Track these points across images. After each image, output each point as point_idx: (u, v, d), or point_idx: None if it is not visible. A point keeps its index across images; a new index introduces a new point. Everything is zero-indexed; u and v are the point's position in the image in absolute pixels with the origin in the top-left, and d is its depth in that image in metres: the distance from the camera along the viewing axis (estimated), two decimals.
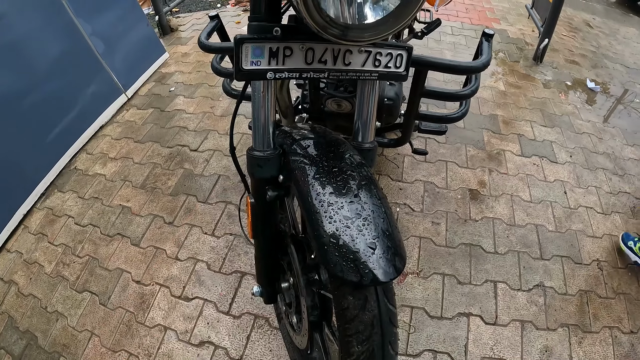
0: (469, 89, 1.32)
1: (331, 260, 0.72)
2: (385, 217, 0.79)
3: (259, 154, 0.91)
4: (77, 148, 2.76)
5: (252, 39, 0.76)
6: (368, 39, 0.71)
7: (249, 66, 0.77)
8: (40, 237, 2.24)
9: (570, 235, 2.20)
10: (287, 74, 0.80)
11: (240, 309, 1.82)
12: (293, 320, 1.24)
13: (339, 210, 0.76)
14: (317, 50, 0.79)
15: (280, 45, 0.77)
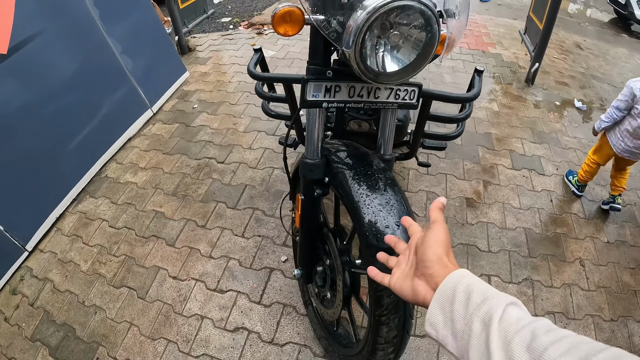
0: (464, 114, 1.62)
1: (369, 233, 1.01)
2: (405, 206, 1.10)
3: (310, 161, 1.22)
4: (107, 158, 3.00)
5: (315, 79, 1.07)
6: (393, 82, 1.01)
7: (310, 98, 1.09)
8: (74, 239, 2.44)
9: (555, 237, 2.49)
10: (337, 104, 1.11)
11: (270, 299, 2.06)
12: (327, 296, 1.52)
13: (374, 199, 1.07)
14: (357, 87, 1.10)
15: (333, 84, 1.08)
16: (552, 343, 0.44)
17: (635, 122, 2.34)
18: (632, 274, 2.35)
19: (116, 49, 3.07)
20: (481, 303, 0.55)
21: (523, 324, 0.49)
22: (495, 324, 0.51)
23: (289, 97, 1.58)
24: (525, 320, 0.50)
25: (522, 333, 0.48)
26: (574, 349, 0.43)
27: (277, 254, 2.28)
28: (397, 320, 1.11)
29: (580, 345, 0.43)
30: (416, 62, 0.96)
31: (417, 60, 0.96)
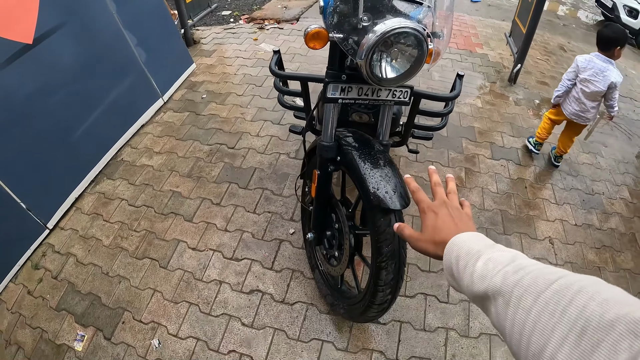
0: (447, 109, 1.96)
1: (374, 198, 1.34)
2: (399, 179, 1.42)
3: (326, 144, 1.55)
4: (122, 143, 3.18)
5: (334, 81, 1.39)
6: (391, 85, 1.36)
7: (330, 95, 1.41)
8: (94, 217, 2.61)
9: (528, 218, 2.81)
10: (348, 100, 1.45)
11: (281, 265, 2.34)
12: (335, 255, 1.85)
13: (376, 172, 1.40)
14: (364, 88, 1.44)
15: (346, 86, 1.41)
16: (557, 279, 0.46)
17: (579, 89, 2.91)
18: (597, 253, 2.65)
19: (131, 42, 3.22)
20: (466, 261, 0.61)
21: (504, 264, 0.55)
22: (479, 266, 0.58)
23: (304, 93, 1.89)
24: (504, 261, 0.56)
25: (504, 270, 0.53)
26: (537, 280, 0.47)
27: (286, 228, 2.55)
28: (394, 265, 1.43)
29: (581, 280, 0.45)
30: (410, 71, 1.29)
31: (411, 69, 1.29)
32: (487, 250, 0.60)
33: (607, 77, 2.75)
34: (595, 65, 2.80)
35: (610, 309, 0.38)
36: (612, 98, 2.86)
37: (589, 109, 2.93)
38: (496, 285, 0.52)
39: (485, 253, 0.59)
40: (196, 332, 2.03)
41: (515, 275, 0.50)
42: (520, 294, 0.47)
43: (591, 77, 2.81)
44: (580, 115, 2.98)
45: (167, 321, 2.08)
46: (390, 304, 1.56)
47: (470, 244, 0.64)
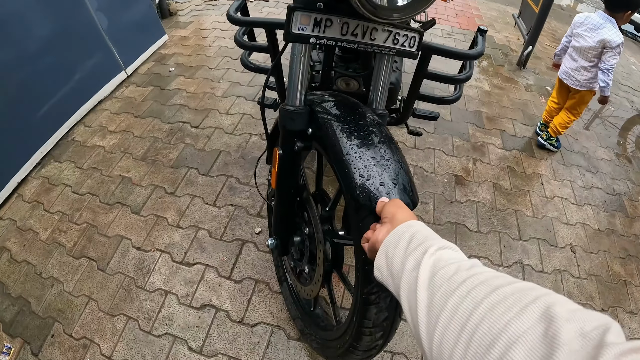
0: (465, 74, 1.48)
1: (360, 192, 0.85)
2: (402, 162, 0.93)
3: (292, 108, 1.04)
4: (75, 120, 2.79)
5: (302, 9, 0.89)
6: (394, 19, 0.86)
7: (296, 30, 0.91)
8: (35, 205, 2.26)
9: (546, 221, 2.38)
10: (326, 41, 0.94)
11: (242, 274, 1.90)
12: (305, 270, 1.35)
13: (367, 152, 0.90)
14: (351, 25, 0.94)
15: (323, 17, 0.91)
16: (471, 276, 0.48)
17: (571, 44, 2.72)
18: (622, 264, 2.27)
19: (91, 5, 2.86)
20: (418, 246, 0.59)
21: (451, 262, 0.53)
22: (425, 261, 0.55)
23: (270, 46, 1.40)
24: (455, 258, 0.55)
25: (447, 268, 0.52)
26: (490, 280, 0.47)
27: (251, 225, 2.12)
28: (389, 299, 0.95)
29: (496, 278, 0.47)
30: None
31: None
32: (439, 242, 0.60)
33: (600, 33, 2.47)
34: (592, 20, 2.53)
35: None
36: (606, 60, 2.49)
37: (580, 68, 2.65)
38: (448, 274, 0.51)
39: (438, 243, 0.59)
40: (133, 354, 1.65)
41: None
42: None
43: (584, 32, 2.58)
44: (570, 74, 2.73)
45: (100, 338, 1.71)
46: (380, 349, 1.07)
47: (430, 232, 0.64)
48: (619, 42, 2.42)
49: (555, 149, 2.94)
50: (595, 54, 2.54)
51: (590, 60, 2.58)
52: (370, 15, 0.83)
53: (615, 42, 2.42)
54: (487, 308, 0.43)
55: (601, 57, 2.52)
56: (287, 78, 1.03)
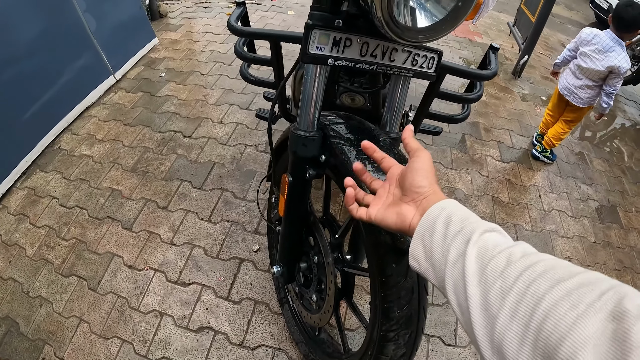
0: (475, 94, 1.43)
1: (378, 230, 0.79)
2: None
3: (304, 133, 0.97)
4: (61, 127, 2.69)
5: (321, 27, 0.82)
6: (419, 41, 0.80)
7: (314, 50, 0.84)
8: (20, 218, 2.15)
9: (544, 234, 2.37)
10: (345, 62, 0.87)
11: (240, 294, 1.83)
12: (312, 299, 1.29)
13: None
14: (371, 45, 0.87)
15: (343, 36, 0.84)
16: (527, 268, 0.44)
17: (576, 62, 2.63)
18: (619, 276, 2.28)
19: (79, 7, 2.75)
20: (458, 232, 0.54)
21: (499, 250, 0.49)
22: (470, 251, 0.50)
23: (275, 59, 1.33)
24: (502, 245, 0.50)
25: (497, 259, 0.48)
26: (549, 272, 0.43)
27: (248, 243, 2.04)
28: (408, 336, 0.90)
29: (555, 269, 0.43)
30: (450, 19, 0.77)
31: (452, 16, 0.76)
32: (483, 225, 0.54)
33: (609, 57, 2.41)
34: (601, 41, 2.46)
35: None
36: (612, 85, 2.48)
37: (584, 87, 2.61)
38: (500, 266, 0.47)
39: (480, 227, 0.53)
40: None
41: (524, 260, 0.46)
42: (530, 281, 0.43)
43: (592, 52, 2.50)
44: (572, 91, 2.69)
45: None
46: None
47: (466, 211, 0.58)
48: (627, 67, 2.41)
49: (549, 161, 2.94)
50: (600, 77, 2.51)
51: (595, 81, 2.56)
52: (393, 36, 0.76)
53: (624, 68, 2.40)
54: (549, 306, 0.40)
55: (606, 80, 2.50)
56: (300, 100, 0.96)
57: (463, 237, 0.53)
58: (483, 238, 0.51)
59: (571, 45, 2.71)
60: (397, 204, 0.65)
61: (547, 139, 2.89)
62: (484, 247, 0.50)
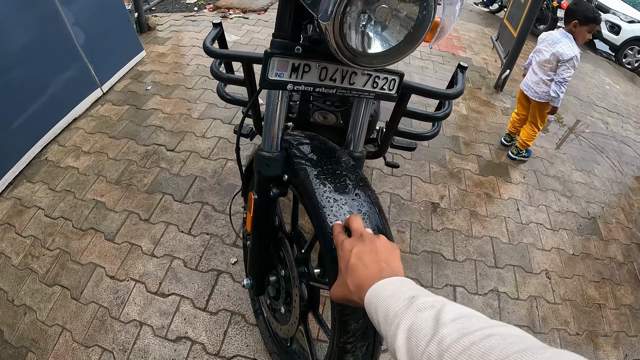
0: (443, 112, 1.47)
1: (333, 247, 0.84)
2: (380, 213, 0.92)
3: (268, 154, 1.02)
4: (48, 139, 2.71)
5: (280, 54, 0.87)
6: (373, 66, 0.84)
7: (273, 77, 0.89)
8: (6, 228, 2.17)
9: (521, 247, 2.41)
10: (304, 87, 0.92)
11: (217, 305, 1.86)
12: (281, 311, 1.33)
13: (343, 206, 0.89)
14: (330, 69, 0.92)
15: (301, 62, 0.89)
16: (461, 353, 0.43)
17: (533, 58, 2.91)
18: (597, 287, 2.32)
19: (68, 20, 2.77)
20: (395, 316, 0.54)
21: (427, 340, 0.47)
22: (401, 331, 0.51)
23: (247, 80, 1.38)
24: (430, 326, 0.48)
25: (423, 340, 0.47)
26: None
27: (226, 255, 2.07)
28: (365, 348, 0.94)
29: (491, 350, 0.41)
30: (404, 44, 0.81)
31: (406, 41, 0.81)
32: (408, 312, 0.52)
33: (555, 47, 2.66)
34: (551, 36, 2.73)
35: None
36: (560, 73, 2.67)
37: (539, 82, 2.82)
38: None
39: (405, 318, 0.52)
40: None
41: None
42: None
43: (544, 47, 2.77)
44: (530, 86, 2.92)
45: None
46: None
47: (389, 302, 0.56)
48: (571, 55, 2.59)
49: (525, 158, 3.14)
50: (551, 67, 2.72)
51: (547, 74, 2.76)
52: (347, 62, 0.81)
53: (568, 55, 2.59)
54: None
55: (556, 70, 2.69)
56: (264, 122, 1.01)
57: (399, 318, 0.52)
58: (417, 316, 0.51)
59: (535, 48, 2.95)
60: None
61: (521, 141, 3.04)
62: (410, 345, 0.49)
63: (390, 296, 0.57)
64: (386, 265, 0.64)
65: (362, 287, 0.62)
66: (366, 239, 0.69)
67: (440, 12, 0.88)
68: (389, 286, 0.59)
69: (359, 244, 0.68)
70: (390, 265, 0.65)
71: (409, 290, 0.56)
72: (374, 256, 0.66)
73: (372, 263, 0.64)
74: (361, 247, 0.67)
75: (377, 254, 0.66)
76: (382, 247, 0.68)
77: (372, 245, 0.68)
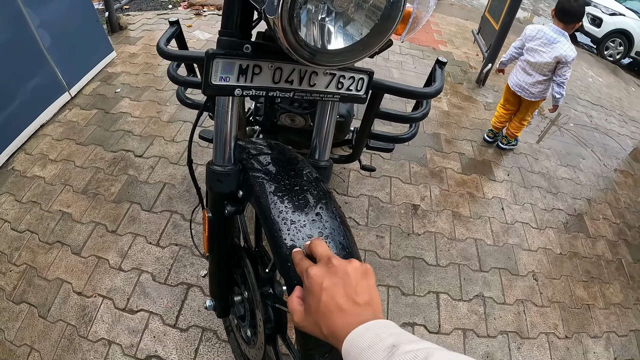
0: (420, 112, 1.37)
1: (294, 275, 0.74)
2: (345, 234, 0.82)
3: (220, 168, 0.91)
4: (15, 147, 2.58)
5: (224, 55, 0.76)
6: (335, 64, 0.74)
7: (218, 81, 0.77)
8: None
9: (507, 248, 2.34)
10: (254, 92, 0.81)
11: (187, 321, 1.77)
12: (247, 333, 1.23)
13: (302, 229, 0.78)
14: (285, 70, 0.81)
15: (250, 63, 0.78)
16: None
17: (525, 58, 2.79)
18: (585, 287, 2.28)
19: (33, 22, 2.65)
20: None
21: None
22: None
23: None
24: None
25: None
26: None
27: (196, 267, 1.98)
28: None
29: None
30: (371, 38, 0.70)
31: (373, 35, 0.70)
32: None
33: (555, 48, 2.58)
34: (545, 35, 2.62)
35: None
36: (562, 75, 2.64)
37: (535, 83, 2.76)
38: None
39: None
40: None
41: None
42: None
43: (538, 46, 2.66)
44: (524, 87, 2.83)
45: None
46: None
47: (368, 354, 0.49)
48: (573, 56, 2.56)
49: (513, 146, 3.19)
50: (549, 69, 2.66)
51: (545, 75, 2.70)
52: (305, 62, 0.70)
53: (571, 57, 2.54)
54: None
55: (555, 70, 2.65)
56: (214, 133, 0.91)
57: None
58: None
59: (517, 43, 2.87)
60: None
61: (510, 132, 3.05)
62: None
63: (369, 346, 0.50)
64: (363, 302, 0.57)
65: (338, 336, 0.55)
66: (337, 266, 0.60)
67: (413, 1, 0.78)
68: (367, 334, 0.53)
69: (329, 275, 0.59)
70: (368, 301, 0.58)
71: (389, 338, 0.50)
72: (349, 291, 0.57)
73: (347, 303, 0.56)
74: (333, 279, 0.59)
75: (351, 288, 0.58)
76: (356, 276, 0.59)
77: (345, 275, 0.59)
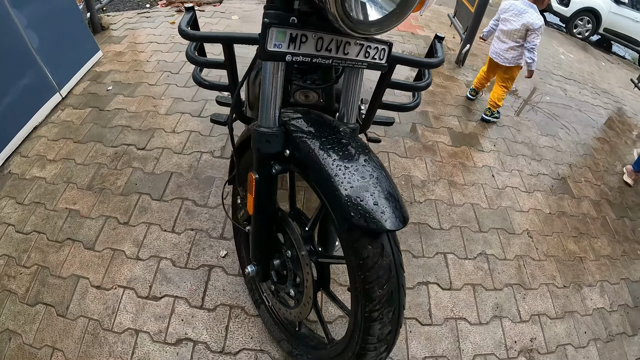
0: (425, 82, 1.49)
1: (355, 213, 0.83)
2: (388, 178, 0.93)
3: (267, 130, 0.99)
4: (9, 151, 2.55)
5: (278, 24, 0.85)
6: (372, 33, 0.86)
7: (272, 48, 0.87)
8: None
9: (501, 211, 2.49)
10: (301, 58, 0.91)
11: (214, 301, 1.80)
12: (290, 293, 1.31)
13: (354, 173, 0.88)
14: (326, 39, 0.92)
15: (299, 32, 0.88)
16: None
17: (499, 28, 3.19)
18: (576, 242, 2.44)
19: (20, 23, 2.62)
20: None
21: None
22: None
23: (228, 62, 1.33)
24: None
25: None
26: None
27: (215, 249, 2.02)
28: (392, 314, 0.94)
29: None
30: (399, 11, 0.85)
31: (401, 7, 0.85)
32: None
33: (524, 17, 2.95)
34: (517, 7, 3.00)
35: None
36: (531, 41, 2.98)
37: (508, 49, 3.12)
38: None
39: None
40: None
41: None
42: None
43: (510, 17, 3.05)
44: (499, 54, 3.19)
45: None
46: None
47: None
48: (540, 24, 2.92)
49: (496, 119, 3.39)
50: (520, 35, 3.01)
51: (516, 41, 3.05)
52: (347, 30, 0.82)
53: (537, 24, 2.91)
54: None
55: (526, 37, 2.99)
56: (260, 98, 0.98)
57: None
58: None
59: (495, 17, 3.27)
60: None
61: (492, 102, 3.27)
62: None
63: None
64: None
65: None
66: None
67: None
68: None
69: None
70: None
71: None
72: None
73: None
74: None
75: None
76: None
77: None
